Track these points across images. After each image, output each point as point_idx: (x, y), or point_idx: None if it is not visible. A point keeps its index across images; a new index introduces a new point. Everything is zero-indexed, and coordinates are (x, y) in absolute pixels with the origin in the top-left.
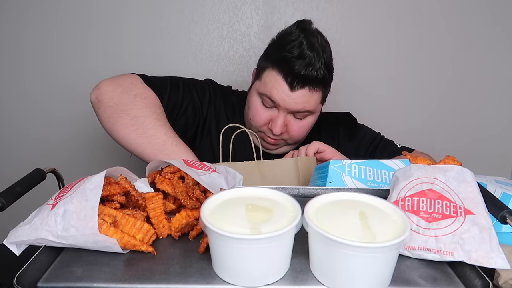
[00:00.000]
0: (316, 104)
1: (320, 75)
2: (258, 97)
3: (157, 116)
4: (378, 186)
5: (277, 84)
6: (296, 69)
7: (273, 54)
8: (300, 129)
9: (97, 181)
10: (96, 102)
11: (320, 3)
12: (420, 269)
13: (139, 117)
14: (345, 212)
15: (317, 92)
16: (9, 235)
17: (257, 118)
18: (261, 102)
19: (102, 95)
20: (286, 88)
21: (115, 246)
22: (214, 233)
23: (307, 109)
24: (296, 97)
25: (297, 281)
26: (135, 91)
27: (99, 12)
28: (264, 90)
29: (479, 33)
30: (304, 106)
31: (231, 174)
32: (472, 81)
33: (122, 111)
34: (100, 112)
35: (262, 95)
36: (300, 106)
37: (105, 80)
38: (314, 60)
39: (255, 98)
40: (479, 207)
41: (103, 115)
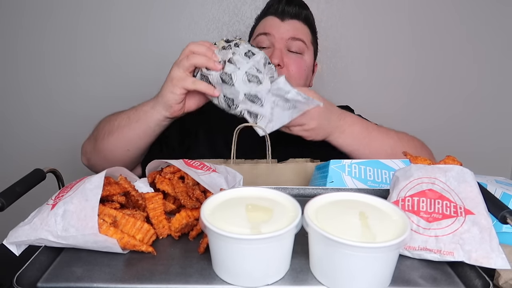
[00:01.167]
0: (308, 39)
1: (304, 10)
2: (254, 45)
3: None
4: (378, 186)
5: (268, 21)
6: (282, 5)
7: (261, 13)
8: (299, 65)
9: (97, 181)
10: (86, 160)
11: (320, 3)
12: (420, 269)
13: (115, 124)
14: (345, 212)
15: (305, 27)
16: (9, 235)
17: None
18: (258, 46)
19: (85, 152)
20: (277, 20)
21: (115, 246)
22: (214, 233)
23: (300, 37)
24: (287, 25)
25: (297, 281)
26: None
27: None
28: (258, 31)
29: (479, 33)
30: (296, 33)
31: (231, 174)
32: (472, 81)
33: (103, 134)
34: (95, 158)
35: (257, 38)
36: (293, 33)
37: (84, 142)
38: (297, 2)
39: None
40: (479, 207)
41: (98, 156)
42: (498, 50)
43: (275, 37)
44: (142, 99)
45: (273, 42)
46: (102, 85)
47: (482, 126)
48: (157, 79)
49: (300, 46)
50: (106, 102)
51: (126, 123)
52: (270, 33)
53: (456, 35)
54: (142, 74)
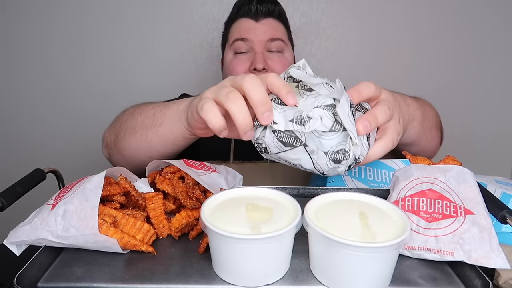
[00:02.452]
0: (285, 35)
1: (277, 6)
2: (231, 51)
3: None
4: (378, 186)
5: (242, 24)
6: (254, 4)
7: (231, 15)
8: (283, 64)
9: (97, 181)
10: (108, 154)
11: (320, 3)
12: (420, 269)
13: (136, 123)
14: (345, 212)
15: (280, 24)
16: (9, 235)
17: (237, 67)
18: (236, 52)
19: (106, 145)
20: (251, 21)
21: (115, 246)
22: (214, 233)
23: (278, 37)
24: (263, 26)
25: (297, 281)
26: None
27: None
28: (234, 37)
29: (480, 33)
30: (274, 33)
31: (231, 174)
32: (472, 80)
33: (124, 131)
34: (117, 156)
35: (234, 44)
36: (271, 33)
37: (105, 131)
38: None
39: (229, 54)
40: (479, 207)
41: (119, 154)
42: (498, 50)
43: (253, 41)
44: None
45: (252, 46)
46: (102, 84)
47: (482, 126)
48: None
49: (280, 45)
50: (106, 102)
51: (150, 123)
52: (247, 38)
53: (456, 36)
54: (141, 74)
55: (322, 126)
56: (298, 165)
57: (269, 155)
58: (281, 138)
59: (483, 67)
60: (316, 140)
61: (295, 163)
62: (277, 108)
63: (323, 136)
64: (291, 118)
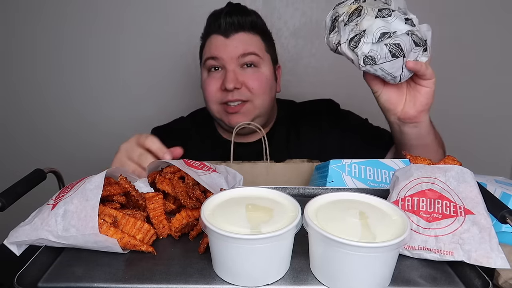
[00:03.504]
0: (260, 49)
1: (248, 16)
2: (206, 70)
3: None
4: (378, 186)
5: (213, 41)
6: (222, 18)
7: (205, 29)
8: (258, 79)
9: (97, 181)
10: None
11: (320, 3)
12: (420, 269)
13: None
14: (345, 212)
15: (255, 35)
16: (9, 235)
17: (209, 87)
18: (209, 71)
19: None
20: (221, 38)
21: (115, 246)
22: (214, 233)
23: (251, 51)
24: (234, 41)
25: (297, 281)
26: None
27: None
28: (206, 55)
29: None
30: (246, 48)
31: (231, 174)
32: (472, 80)
33: None
34: None
35: (206, 62)
36: (242, 49)
37: None
38: (238, 7)
39: (204, 73)
40: (479, 206)
41: None
42: (497, 50)
43: (224, 59)
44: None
45: (224, 64)
46: (102, 85)
47: (482, 126)
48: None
49: (253, 59)
50: (106, 102)
51: None
52: (217, 56)
53: (456, 35)
54: (140, 74)
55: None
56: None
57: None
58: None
59: (483, 66)
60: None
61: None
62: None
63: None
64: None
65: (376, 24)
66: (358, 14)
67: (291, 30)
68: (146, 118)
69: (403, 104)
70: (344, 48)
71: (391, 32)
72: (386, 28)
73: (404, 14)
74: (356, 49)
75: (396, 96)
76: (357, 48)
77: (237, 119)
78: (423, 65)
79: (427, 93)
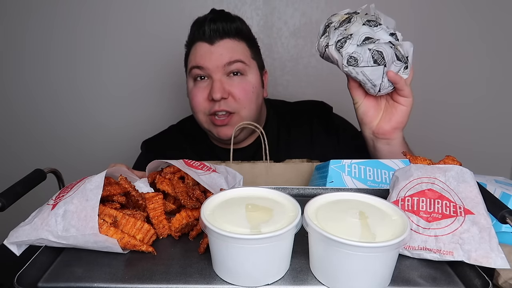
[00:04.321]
0: (246, 55)
1: (233, 23)
2: (192, 79)
3: None
4: (378, 186)
5: (198, 49)
6: (207, 25)
7: (189, 37)
8: (244, 89)
9: (97, 181)
10: None
11: (320, 3)
12: (420, 268)
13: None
14: (345, 212)
15: (240, 42)
16: (9, 235)
17: (196, 97)
18: (195, 80)
19: None
20: (206, 45)
21: (115, 246)
22: (214, 233)
23: (236, 58)
24: (220, 48)
25: (297, 281)
26: None
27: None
28: (191, 64)
29: (478, 34)
30: (231, 55)
31: (231, 174)
32: (471, 80)
33: None
34: None
35: (192, 71)
36: (228, 56)
37: None
38: (222, 14)
39: (190, 82)
40: (478, 206)
41: None
42: (496, 50)
43: (209, 69)
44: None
45: (209, 73)
46: (102, 85)
47: (481, 126)
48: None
49: (239, 67)
50: (106, 103)
51: None
52: (202, 66)
53: (456, 35)
54: (141, 74)
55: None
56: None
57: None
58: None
59: (483, 66)
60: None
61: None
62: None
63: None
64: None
65: (362, 30)
66: (348, 21)
67: (291, 30)
68: (147, 118)
69: (379, 119)
70: (331, 50)
71: (374, 38)
72: (371, 34)
73: (391, 30)
74: (341, 49)
75: (373, 110)
76: (343, 48)
77: (226, 132)
78: (403, 79)
79: (402, 112)
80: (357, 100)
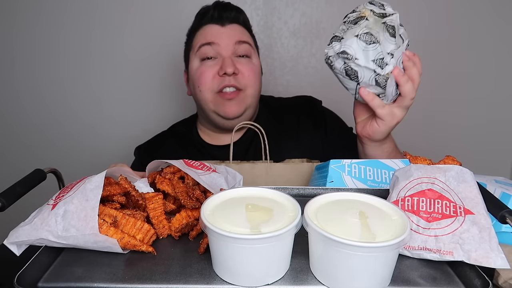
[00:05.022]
0: (251, 41)
1: (240, 14)
2: (198, 59)
3: None
4: (378, 185)
5: (208, 30)
6: (218, 10)
7: (194, 24)
8: (252, 69)
9: (98, 181)
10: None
11: (320, 3)
12: (420, 268)
13: None
14: (345, 212)
15: (246, 31)
16: (9, 235)
17: (205, 74)
18: (202, 60)
19: None
20: (217, 26)
21: (115, 246)
22: (214, 233)
23: (246, 40)
24: (230, 30)
25: (297, 281)
26: None
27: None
28: (200, 42)
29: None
30: (241, 36)
31: (231, 174)
32: (471, 80)
33: None
34: None
35: (200, 49)
36: (238, 36)
37: None
38: (230, 4)
39: (196, 62)
40: (478, 206)
41: None
42: (497, 50)
43: (220, 45)
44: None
45: (220, 51)
46: (102, 86)
47: (481, 126)
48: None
49: (247, 49)
50: (107, 102)
51: None
52: (214, 42)
53: (456, 35)
54: (142, 74)
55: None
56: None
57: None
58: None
59: (483, 66)
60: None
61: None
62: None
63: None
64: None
65: (350, 41)
66: (356, 22)
67: (291, 30)
68: (147, 118)
69: (359, 120)
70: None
71: (353, 56)
72: (352, 51)
73: (389, 57)
74: (328, 45)
75: (359, 110)
76: (328, 46)
77: (233, 109)
78: (376, 100)
79: (374, 128)
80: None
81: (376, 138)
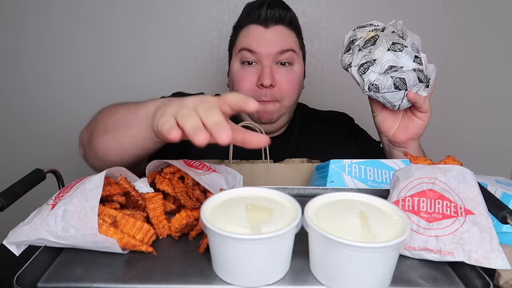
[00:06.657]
0: (296, 45)
1: (288, 12)
2: (238, 61)
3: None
4: (379, 186)
5: (251, 31)
6: (264, 9)
7: (240, 19)
8: (290, 80)
9: (97, 181)
10: (83, 151)
11: (320, 3)
12: (420, 269)
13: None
14: (345, 212)
15: (291, 32)
16: (8, 235)
17: (244, 82)
18: (242, 63)
19: (82, 142)
20: (260, 28)
21: (115, 246)
22: (214, 233)
23: (289, 48)
24: (273, 34)
25: (297, 281)
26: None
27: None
28: (242, 45)
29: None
30: (284, 44)
31: (231, 174)
32: (471, 80)
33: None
34: (89, 154)
35: (241, 53)
36: (280, 45)
37: (82, 130)
38: (279, 1)
39: (236, 64)
40: (479, 207)
41: (92, 153)
42: (497, 50)
43: (261, 55)
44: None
45: (260, 59)
46: (102, 85)
47: (482, 126)
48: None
49: (290, 57)
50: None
51: (122, 125)
52: (255, 51)
53: (456, 36)
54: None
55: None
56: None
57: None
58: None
59: (484, 66)
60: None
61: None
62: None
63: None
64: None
65: (386, 56)
66: (373, 42)
67: None
68: None
69: (395, 129)
70: (353, 71)
71: (398, 66)
72: (395, 62)
73: (416, 51)
74: (363, 75)
75: (390, 121)
76: (365, 75)
77: (268, 115)
78: (422, 98)
79: (419, 125)
80: (375, 110)
81: (421, 133)
